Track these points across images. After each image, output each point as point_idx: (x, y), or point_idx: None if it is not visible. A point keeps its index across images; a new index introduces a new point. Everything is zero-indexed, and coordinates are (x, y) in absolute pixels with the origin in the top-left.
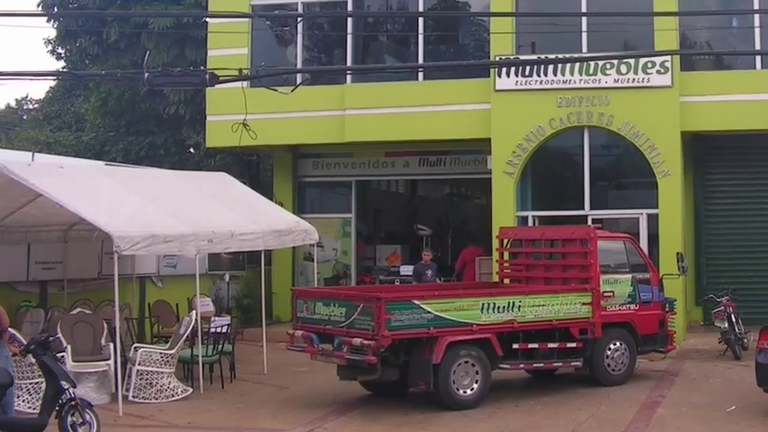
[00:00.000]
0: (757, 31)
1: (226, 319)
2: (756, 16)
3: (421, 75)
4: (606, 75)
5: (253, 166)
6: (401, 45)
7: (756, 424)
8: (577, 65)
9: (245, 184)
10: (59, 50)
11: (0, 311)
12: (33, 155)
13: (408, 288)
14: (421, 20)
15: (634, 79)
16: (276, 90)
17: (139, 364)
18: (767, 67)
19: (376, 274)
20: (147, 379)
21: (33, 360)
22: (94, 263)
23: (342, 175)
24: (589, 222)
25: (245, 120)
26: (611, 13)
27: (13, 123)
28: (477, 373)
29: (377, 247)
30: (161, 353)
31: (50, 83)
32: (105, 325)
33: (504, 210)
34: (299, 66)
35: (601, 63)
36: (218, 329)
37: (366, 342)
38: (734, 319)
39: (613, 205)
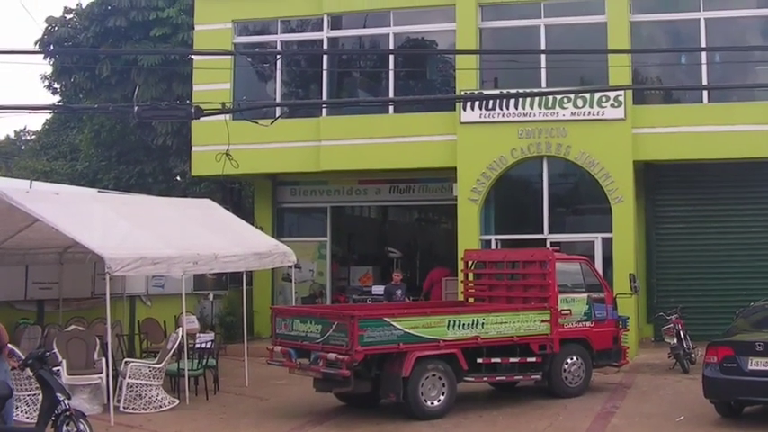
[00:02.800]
0: (704, 67)
1: (210, 336)
2: (703, 54)
3: (391, 108)
4: (564, 108)
5: (235, 193)
6: (373, 81)
7: None
8: (537, 99)
9: (227, 209)
10: (55, 86)
11: (0, 328)
12: (31, 183)
13: (380, 306)
14: (391, 57)
15: (589, 112)
16: (257, 122)
17: (129, 377)
18: (713, 102)
19: (350, 293)
20: (136, 391)
21: (31, 373)
22: (88, 283)
23: (318, 202)
24: (548, 245)
25: (227, 150)
26: (568, 51)
27: (13, 153)
28: (443, 385)
29: (350, 269)
30: (150, 367)
31: (47, 116)
32: (98, 341)
33: (469, 234)
34: (278, 100)
35: (559, 97)
36: (203, 345)
37: (340, 357)
38: (682, 336)
39: (570, 229)
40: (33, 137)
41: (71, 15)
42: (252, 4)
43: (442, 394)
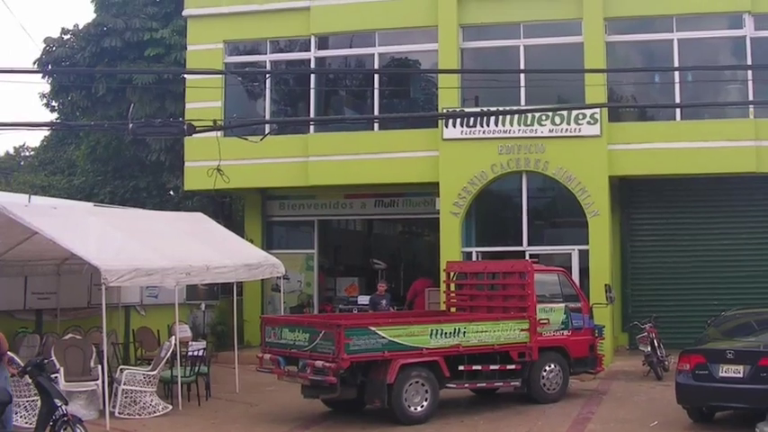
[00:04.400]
0: (677, 86)
1: (202, 344)
2: (676, 73)
3: (377, 125)
4: (542, 125)
5: (226, 207)
6: (359, 99)
7: None
8: (516, 116)
9: (219, 223)
10: (53, 103)
11: (0, 337)
12: (30, 197)
13: (365, 316)
14: (377, 76)
15: (567, 129)
16: (247, 139)
17: (124, 384)
18: (686, 119)
19: (336, 303)
20: (131, 397)
21: (30, 380)
22: (84, 293)
23: (306, 215)
24: (527, 257)
25: (219, 165)
26: (546, 70)
27: (12, 169)
28: (426, 391)
29: (337, 280)
30: (144, 374)
31: (45, 132)
32: (94, 349)
33: (451, 246)
34: (267, 117)
35: (537, 115)
36: (195, 353)
37: (327, 364)
38: (656, 344)
39: (548, 242)
40: (32, 153)
41: (68, 36)
42: (242, 25)
43: (425, 400)
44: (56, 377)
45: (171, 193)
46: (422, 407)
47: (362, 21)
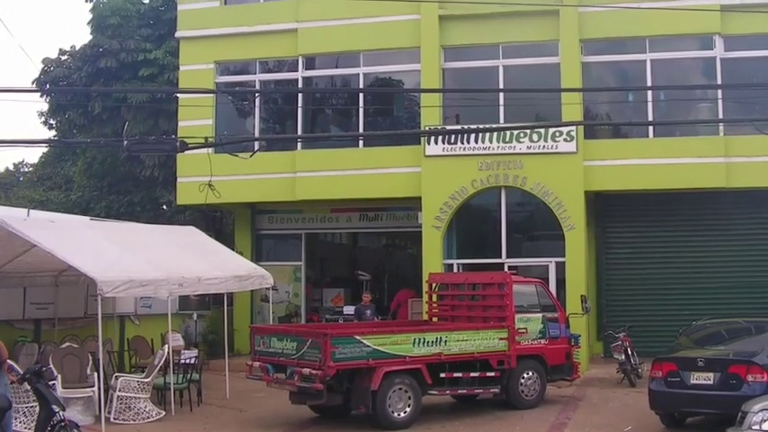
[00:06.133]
0: (650, 104)
1: (194, 352)
2: (649, 92)
3: (361, 142)
4: (520, 142)
5: (217, 221)
6: (344, 117)
7: None
8: (495, 134)
9: (210, 236)
10: (51, 121)
11: (0, 345)
12: (29, 211)
13: (350, 325)
14: (361, 95)
15: (544, 146)
16: (237, 155)
17: (119, 391)
18: (658, 137)
19: (323, 313)
20: (126, 403)
21: (29, 387)
22: (81, 303)
23: (293, 229)
24: (505, 269)
25: (210, 181)
26: (524, 90)
27: (12, 184)
28: (409, 398)
29: (323, 291)
30: (138, 381)
31: (43, 149)
32: (90, 357)
33: (433, 258)
34: (256, 134)
35: (515, 132)
36: (188, 361)
37: (314, 372)
38: (630, 352)
39: (526, 254)
40: (31, 169)
41: (66, 57)
42: (232, 47)
43: (408, 406)
44: (53, 384)
45: (164, 207)
46: (405, 413)
47: (348, 42)
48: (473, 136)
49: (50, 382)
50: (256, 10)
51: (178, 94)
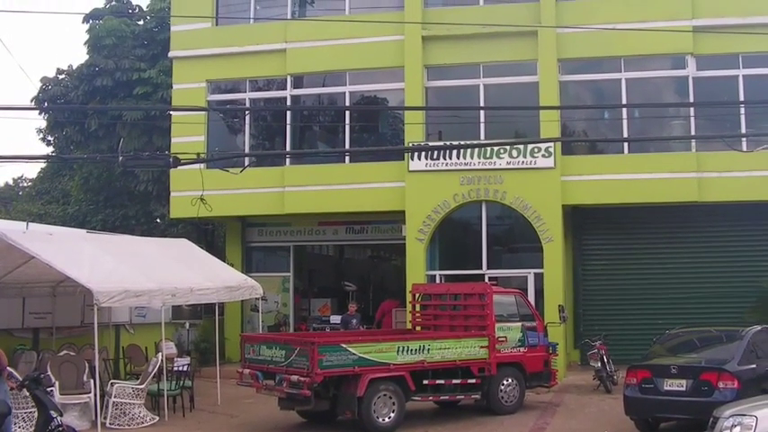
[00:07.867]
0: (625, 122)
1: (186, 360)
2: (624, 110)
3: (348, 158)
4: (500, 158)
5: (209, 234)
6: (331, 134)
7: None
8: (476, 150)
9: (202, 248)
10: (49, 138)
11: (0, 353)
12: (27, 224)
13: (337, 334)
14: (347, 113)
15: (523, 162)
16: (228, 171)
17: (115, 397)
18: (633, 153)
19: (310, 322)
20: (121, 409)
21: (27, 393)
22: (78, 313)
23: (282, 241)
24: (486, 280)
25: (202, 195)
26: (504, 107)
27: (11, 198)
28: (393, 404)
29: (311, 301)
30: (133, 387)
31: (42, 165)
32: (87, 364)
33: (416, 269)
34: (246, 150)
35: (496, 148)
36: (180, 368)
37: (302, 379)
38: (606, 360)
39: (506, 266)
40: (30, 183)
41: (63, 76)
42: (223, 66)
43: (393, 412)
44: (51, 390)
45: (158, 220)
46: (389, 418)
47: (335, 62)
48: (455, 152)
49: (48, 389)
50: (246, 31)
51: (171, 112)
